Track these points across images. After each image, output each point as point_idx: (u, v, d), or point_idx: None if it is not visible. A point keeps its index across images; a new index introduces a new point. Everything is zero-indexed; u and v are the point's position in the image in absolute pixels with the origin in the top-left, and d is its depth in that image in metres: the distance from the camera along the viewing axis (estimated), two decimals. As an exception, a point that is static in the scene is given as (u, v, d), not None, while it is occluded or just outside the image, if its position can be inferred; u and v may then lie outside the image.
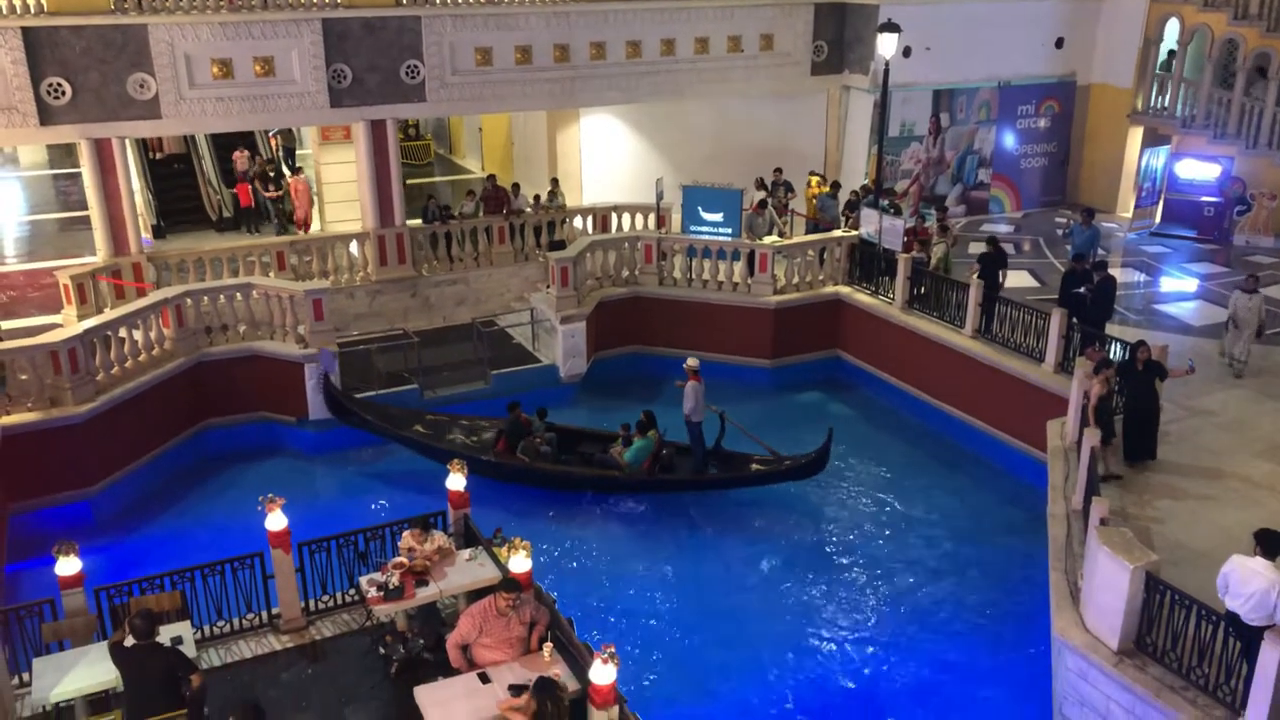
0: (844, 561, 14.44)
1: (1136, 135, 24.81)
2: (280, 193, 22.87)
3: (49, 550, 9.79)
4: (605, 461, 15.60)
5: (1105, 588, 9.90)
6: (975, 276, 17.14)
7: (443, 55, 19.60)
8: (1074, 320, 15.58)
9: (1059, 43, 24.94)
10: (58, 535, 10.73)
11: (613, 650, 8.11)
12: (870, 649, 12.67)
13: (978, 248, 18.07)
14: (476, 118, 28.15)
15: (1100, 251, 19.53)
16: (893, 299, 18.77)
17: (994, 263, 17.38)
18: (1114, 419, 13.24)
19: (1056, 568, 11.50)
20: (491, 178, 22.82)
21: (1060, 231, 23.73)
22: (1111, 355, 14.42)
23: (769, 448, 15.75)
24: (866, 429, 18.39)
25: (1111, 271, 16.90)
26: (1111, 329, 16.37)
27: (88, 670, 8.87)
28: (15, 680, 9.57)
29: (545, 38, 20.42)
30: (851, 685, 12.07)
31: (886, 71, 20.00)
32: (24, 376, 14.54)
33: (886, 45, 19.68)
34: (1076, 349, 15.18)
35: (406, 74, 19.41)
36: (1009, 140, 25.30)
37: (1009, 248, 22.55)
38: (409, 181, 25.55)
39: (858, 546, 14.76)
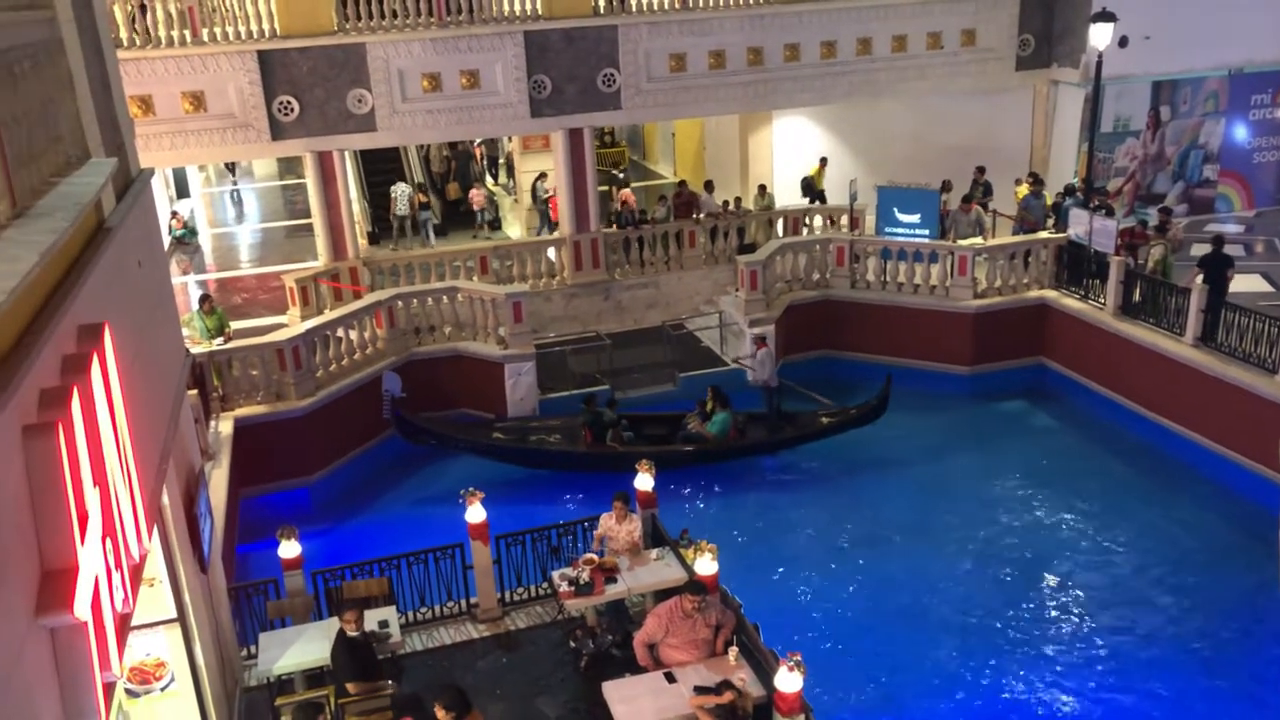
0: (1046, 578, 13.70)
1: (1393, 124, 22.41)
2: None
3: (273, 534, 10.57)
4: (690, 437, 16.10)
5: (1349, 623, 8.98)
6: (1199, 279, 15.91)
7: (638, 63, 19.95)
8: (1314, 328, 14.23)
9: (1301, 24, 22.84)
10: (280, 520, 11.57)
11: (799, 658, 8.03)
12: (1074, 676, 11.95)
13: (1202, 249, 16.76)
14: (670, 123, 28.46)
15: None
16: (1104, 304, 17.70)
17: (1219, 265, 16.09)
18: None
19: (1290, 598, 10.54)
20: (682, 183, 23.05)
21: (1299, 231, 21.74)
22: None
23: (823, 400, 17.16)
24: (1074, 441, 17.41)
25: (1361, 275, 15.34)
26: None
27: (305, 647, 9.53)
28: (244, 652, 10.40)
29: (738, 41, 20.44)
30: (1053, 714, 11.44)
31: (1099, 64, 18.87)
32: (254, 372, 15.80)
33: (1100, 36, 18.58)
34: (1317, 360, 13.87)
35: (603, 82, 19.86)
36: (1240, 133, 23.36)
37: (1239, 249, 20.88)
38: (603, 188, 26.21)
39: (1062, 564, 13.97)
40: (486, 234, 24.17)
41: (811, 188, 22.92)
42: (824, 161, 23.02)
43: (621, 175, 26.00)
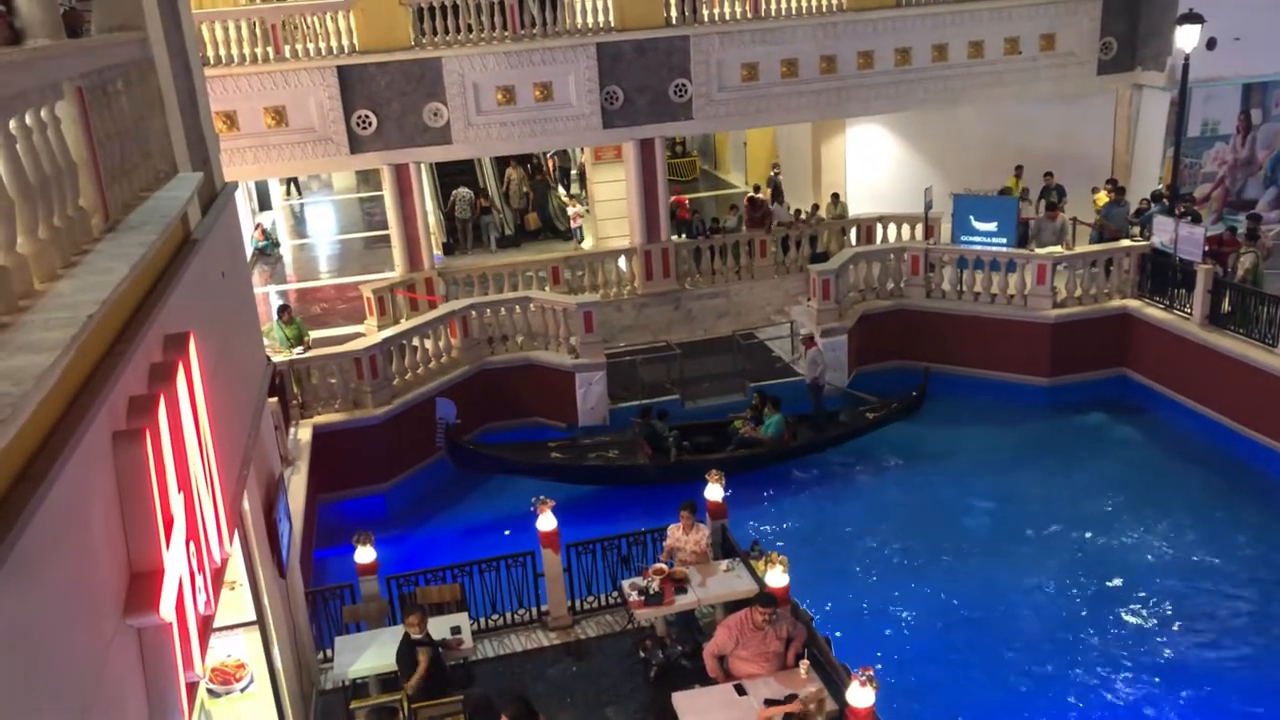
0: (1130, 599, 13.27)
1: None
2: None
3: (349, 539, 10.77)
4: (745, 441, 16.12)
5: None
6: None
7: (710, 73, 19.94)
8: None
9: (1403, 22, 21.87)
10: (356, 526, 11.78)
11: (871, 673, 7.91)
12: (1161, 703, 11.54)
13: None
14: (741, 133, 28.40)
15: None
16: (1190, 314, 17.16)
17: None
18: None
19: (1392, 622, 10.06)
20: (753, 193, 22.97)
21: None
22: None
23: (867, 397, 17.48)
24: (1159, 455, 16.88)
25: None
26: None
27: (380, 651, 9.67)
28: (320, 655, 10.60)
29: (811, 49, 20.31)
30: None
31: (1186, 67, 18.33)
32: (333, 380, 16.13)
33: (1187, 38, 18.04)
34: None
35: (675, 93, 19.90)
36: (1336, 136, 22.46)
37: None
38: (689, 197, 26.21)
39: (1146, 584, 13.51)
40: (579, 246, 24.41)
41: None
42: (1019, 170, 21.91)
43: (775, 173, 25.13)
